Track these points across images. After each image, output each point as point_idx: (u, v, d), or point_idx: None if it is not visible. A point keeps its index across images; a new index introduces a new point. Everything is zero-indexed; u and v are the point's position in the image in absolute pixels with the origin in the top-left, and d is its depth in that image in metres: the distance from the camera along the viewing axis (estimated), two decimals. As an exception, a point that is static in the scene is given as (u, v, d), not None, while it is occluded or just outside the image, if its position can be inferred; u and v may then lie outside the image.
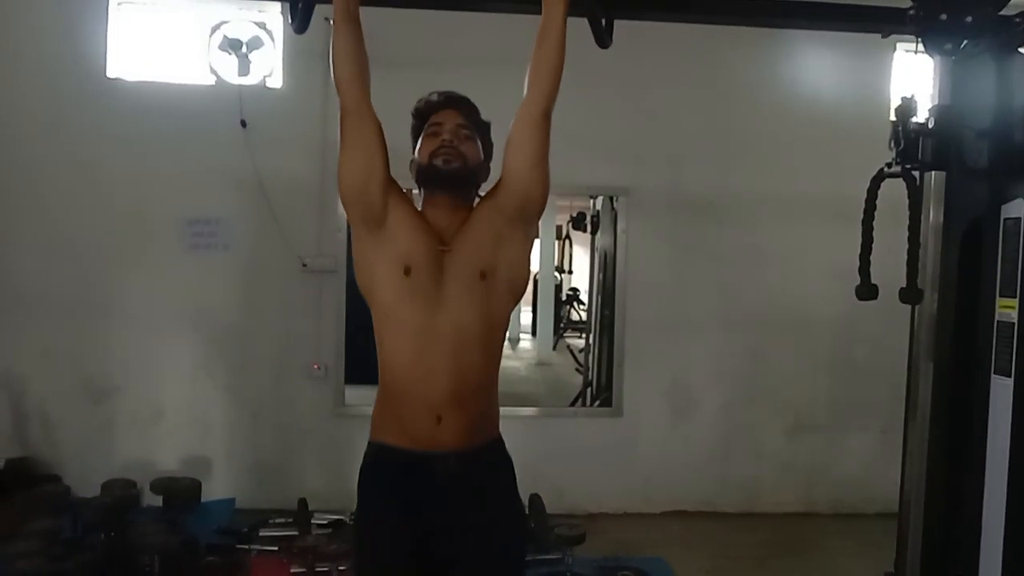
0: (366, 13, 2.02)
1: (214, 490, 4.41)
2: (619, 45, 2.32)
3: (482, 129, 2.07)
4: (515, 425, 5.03)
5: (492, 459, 2.03)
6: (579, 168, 4.44)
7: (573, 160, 4.32)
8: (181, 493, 4.17)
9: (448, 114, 2.01)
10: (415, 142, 2.06)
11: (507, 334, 2.04)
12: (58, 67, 4.44)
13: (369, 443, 2.01)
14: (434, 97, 2.07)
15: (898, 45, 4.60)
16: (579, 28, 2.22)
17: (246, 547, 3.76)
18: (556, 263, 10.40)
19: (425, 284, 1.90)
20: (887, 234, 2.30)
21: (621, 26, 2.31)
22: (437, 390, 1.89)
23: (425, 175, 1.99)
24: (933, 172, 2.33)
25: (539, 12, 2.03)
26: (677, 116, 4.67)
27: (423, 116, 2.06)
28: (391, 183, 1.97)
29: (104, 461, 4.39)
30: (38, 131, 4.44)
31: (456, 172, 1.96)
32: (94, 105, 4.43)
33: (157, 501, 4.17)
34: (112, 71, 4.50)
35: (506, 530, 2.03)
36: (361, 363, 4.37)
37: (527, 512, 1.96)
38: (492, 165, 2.10)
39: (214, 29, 4.43)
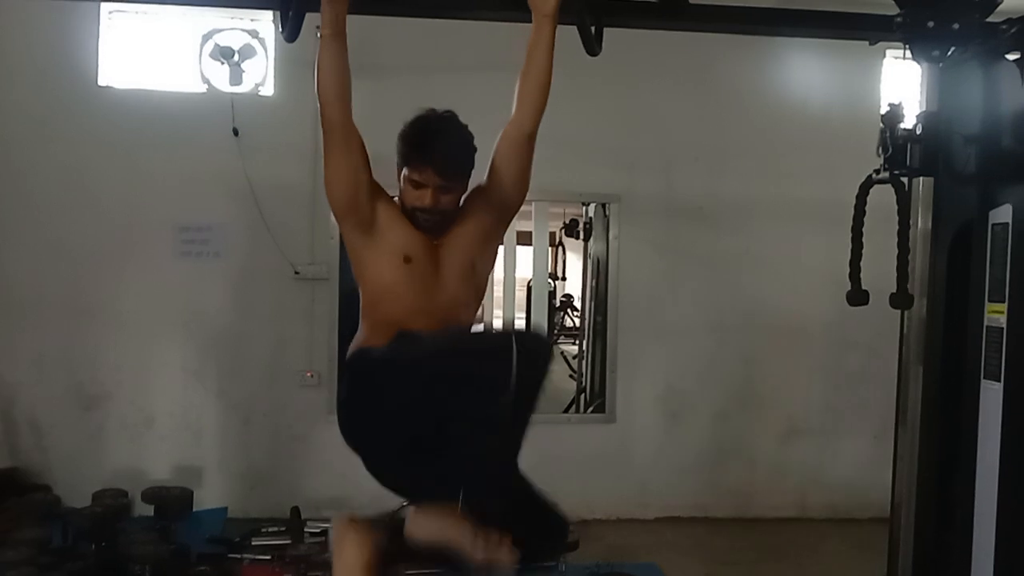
0: (360, 20, 2.03)
1: (206, 499, 4.39)
2: (610, 52, 2.33)
3: (465, 173, 2.14)
4: (508, 432, 4.96)
5: None
6: (571, 175, 4.45)
7: (566, 167, 4.34)
8: (172, 502, 4.14)
9: (429, 175, 2.06)
10: (399, 160, 2.12)
11: None
12: (50, 75, 4.42)
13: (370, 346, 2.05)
14: (418, 140, 2.07)
15: (887, 52, 4.63)
16: (570, 35, 2.23)
17: (238, 556, 3.73)
18: (549, 270, 10.38)
19: (424, 272, 2.09)
20: (879, 240, 2.31)
21: (612, 33, 2.32)
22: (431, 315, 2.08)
23: (408, 214, 2.12)
24: (921, 178, 2.35)
25: (527, 19, 2.04)
26: (669, 122, 4.68)
27: (407, 156, 2.09)
28: (376, 189, 2.11)
29: (95, 470, 4.36)
30: (30, 138, 4.42)
31: (435, 226, 2.12)
32: (86, 113, 4.41)
33: (148, 510, 4.14)
34: (103, 79, 4.49)
35: None
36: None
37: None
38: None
39: (206, 38, 4.42)
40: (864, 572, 2.91)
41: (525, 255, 5.22)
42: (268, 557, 3.72)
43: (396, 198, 2.16)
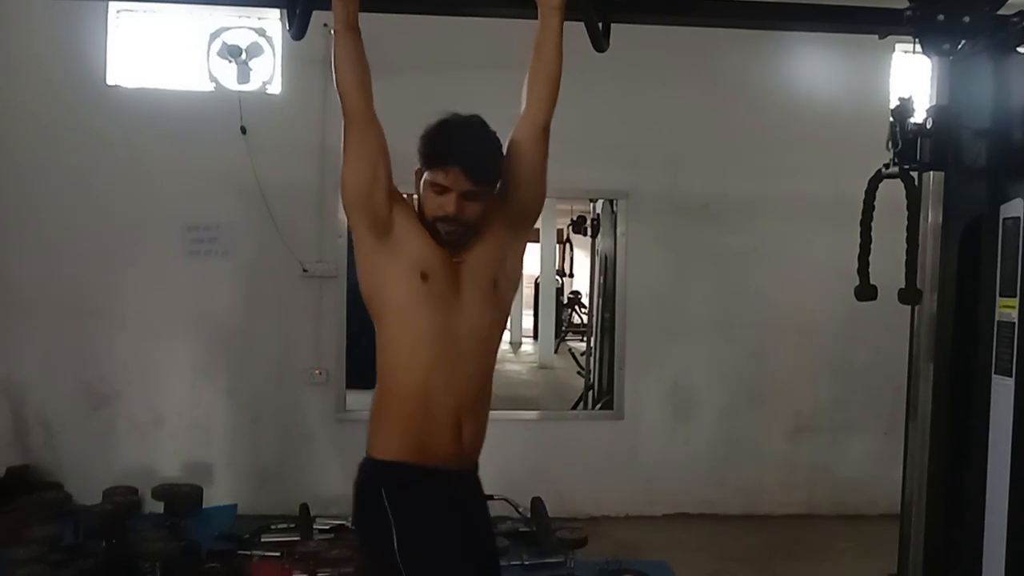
0: (368, 18, 2.02)
1: (215, 496, 4.41)
2: (618, 48, 2.32)
3: (493, 178, 1.96)
4: (517, 429, 5.05)
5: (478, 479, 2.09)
6: (579, 172, 4.44)
7: (573, 164, 4.30)
8: (182, 499, 4.16)
9: (456, 177, 1.88)
10: (421, 163, 1.96)
11: (506, 333, 2.12)
12: (58, 74, 4.45)
13: (380, 461, 1.92)
14: (446, 139, 1.92)
15: (896, 46, 4.60)
16: (577, 31, 2.22)
17: (248, 553, 3.75)
18: (557, 267, 10.39)
19: (443, 291, 1.91)
20: (888, 235, 2.29)
21: (620, 29, 2.31)
22: (458, 393, 1.92)
23: (427, 226, 1.94)
24: (931, 172, 2.33)
25: (535, 15, 2.03)
26: (676, 119, 4.67)
27: (431, 157, 1.93)
28: (395, 191, 1.96)
29: (105, 468, 4.38)
30: (38, 138, 4.45)
31: (458, 238, 1.94)
32: (94, 112, 4.43)
33: (158, 507, 4.16)
34: (112, 78, 4.50)
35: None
36: (362, 368, 4.37)
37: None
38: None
39: (213, 36, 4.43)
40: (873, 569, 2.90)
41: (533, 252, 5.22)
42: (278, 554, 3.74)
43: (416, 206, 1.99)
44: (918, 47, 2.21)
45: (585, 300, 9.16)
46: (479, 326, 1.95)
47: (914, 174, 2.29)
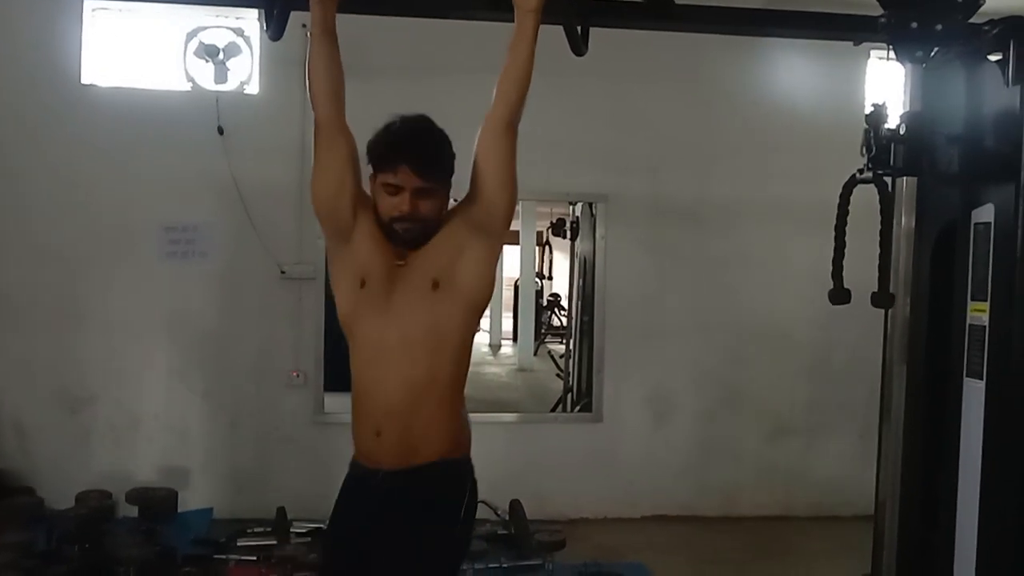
0: (348, 21, 2.02)
1: (191, 500, 4.36)
2: (598, 51, 2.33)
3: (444, 173, 1.95)
4: (496, 431, 5.05)
5: (432, 478, 1.94)
6: (558, 174, 4.45)
7: (552, 166, 4.34)
8: (157, 503, 4.12)
9: (405, 175, 1.88)
10: (372, 169, 1.97)
11: (469, 350, 2.00)
12: (32, 73, 4.38)
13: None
14: (391, 140, 1.92)
15: (871, 52, 4.66)
16: (557, 36, 2.23)
17: (224, 557, 3.72)
18: (536, 269, 10.40)
19: (376, 297, 1.92)
20: (865, 240, 2.32)
21: (600, 33, 2.32)
22: (377, 402, 1.92)
23: (386, 229, 1.94)
24: (905, 178, 2.37)
25: (513, 18, 2.03)
26: (656, 123, 4.69)
27: (379, 159, 1.94)
28: (361, 197, 1.98)
29: (79, 472, 4.32)
30: (11, 138, 4.38)
31: (416, 236, 1.93)
32: (68, 111, 4.37)
33: (133, 512, 4.11)
34: (86, 77, 4.45)
35: (426, 548, 1.91)
36: (340, 370, 4.34)
37: (468, 530, 2.03)
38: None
39: (190, 35, 4.40)
40: (849, 570, 2.93)
41: (512, 254, 5.22)
42: (254, 558, 3.71)
43: None
44: (892, 54, 2.24)
45: (565, 303, 9.17)
46: (411, 330, 1.90)
47: (888, 179, 2.32)
